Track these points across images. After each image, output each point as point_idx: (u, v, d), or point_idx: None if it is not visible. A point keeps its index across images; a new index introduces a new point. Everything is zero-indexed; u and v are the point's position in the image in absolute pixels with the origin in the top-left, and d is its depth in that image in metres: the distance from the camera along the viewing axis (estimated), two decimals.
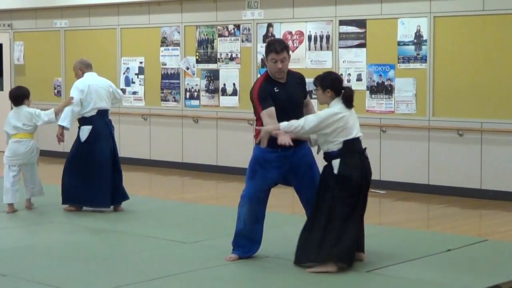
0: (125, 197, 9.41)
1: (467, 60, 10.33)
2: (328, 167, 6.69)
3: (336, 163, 6.63)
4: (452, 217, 9.27)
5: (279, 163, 6.85)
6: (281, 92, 6.80)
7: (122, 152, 13.78)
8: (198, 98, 12.81)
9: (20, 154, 9.04)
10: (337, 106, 6.67)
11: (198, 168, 12.75)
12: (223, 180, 12.04)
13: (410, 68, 10.72)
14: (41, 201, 9.45)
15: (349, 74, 11.21)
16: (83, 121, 9.27)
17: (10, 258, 7.15)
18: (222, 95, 12.52)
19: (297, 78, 7.01)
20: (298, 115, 6.76)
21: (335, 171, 6.63)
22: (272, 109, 6.71)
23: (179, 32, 12.96)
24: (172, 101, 13.11)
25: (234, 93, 12.37)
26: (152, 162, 13.38)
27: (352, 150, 6.66)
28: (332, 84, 6.72)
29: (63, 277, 6.51)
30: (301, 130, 6.60)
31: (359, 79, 11.14)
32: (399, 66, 10.77)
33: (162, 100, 13.25)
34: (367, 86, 11.09)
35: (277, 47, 6.76)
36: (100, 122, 9.27)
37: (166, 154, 13.24)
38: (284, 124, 6.59)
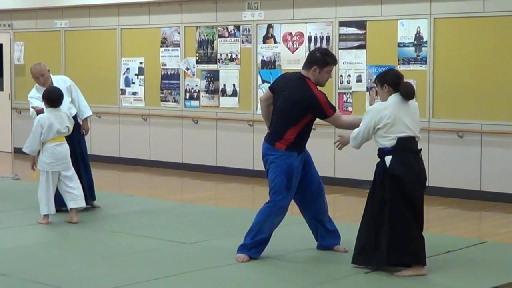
0: (92, 196, 9.34)
1: (467, 62, 10.33)
2: (382, 163, 6.65)
3: (388, 159, 6.62)
4: (451, 218, 9.27)
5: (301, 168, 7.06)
6: None
7: (122, 152, 13.82)
8: (198, 98, 12.82)
9: (62, 158, 8.55)
10: (389, 101, 6.66)
11: (197, 169, 12.75)
12: (223, 181, 12.04)
13: (410, 69, 10.72)
14: (34, 202, 9.33)
15: (349, 75, 11.21)
16: None
17: (8, 258, 7.15)
18: (222, 96, 12.52)
19: None
20: None
21: (388, 168, 6.60)
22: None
23: (179, 33, 12.97)
24: (172, 102, 13.12)
25: (234, 94, 12.37)
26: (152, 163, 13.39)
27: (406, 148, 6.62)
28: (387, 79, 6.74)
29: (62, 277, 6.51)
30: (357, 137, 6.79)
31: (359, 80, 11.14)
32: (399, 67, 10.78)
33: (162, 100, 13.25)
34: (367, 88, 11.09)
35: (335, 60, 7.10)
36: None
37: (165, 155, 13.25)
38: (352, 135, 6.81)
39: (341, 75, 11.26)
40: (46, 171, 8.50)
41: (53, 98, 8.56)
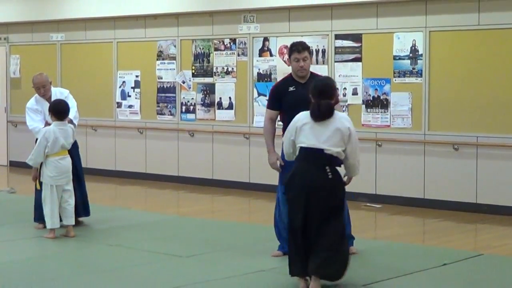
0: (86, 212, 9.24)
1: (463, 75, 10.36)
2: None
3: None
4: (447, 231, 9.27)
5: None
6: (297, 92, 7.39)
7: (118, 165, 13.81)
8: (194, 111, 12.82)
9: (65, 172, 8.56)
10: (303, 113, 6.65)
11: (194, 182, 12.75)
12: (219, 194, 12.04)
13: (405, 82, 10.74)
14: (30, 215, 9.35)
15: (344, 88, 11.23)
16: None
17: (4, 272, 7.13)
18: (218, 109, 12.53)
19: None
20: None
21: None
22: (274, 113, 7.53)
23: (175, 46, 12.99)
24: (168, 115, 13.12)
25: (230, 106, 12.38)
26: (148, 176, 13.38)
27: (301, 158, 6.56)
28: (311, 92, 6.69)
29: None
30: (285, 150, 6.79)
31: (354, 93, 11.16)
32: (395, 80, 10.80)
33: (158, 113, 13.26)
34: (362, 100, 11.11)
35: (298, 46, 7.44)
36: None
37: (162, 168, 13.24)
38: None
39: (337, 88, 11.25)
40: (50, 185, 8.50)
41: (60, 111, 8.57)
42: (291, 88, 7.46)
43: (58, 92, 9.25)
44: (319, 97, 6.52)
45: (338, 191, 6.54)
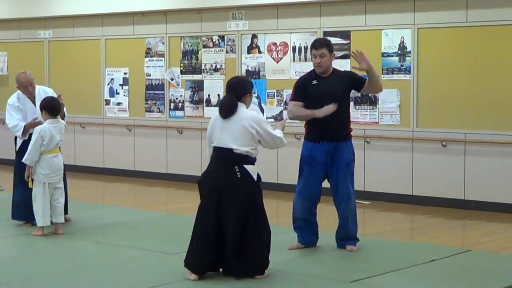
0: (66, 210, 9.03)
1: (451, 72, 10.39)
2: None
3: None
4: (435, 227, 9.30)
5: (322, 159, 7.55)
6: (320, 85, 7.54)
7: (107, 163, 13.78)
8: (182, 109, 12.81)
9: (58, 170, 8.55)
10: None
11: (182, 179, 12.73)
12: None
13: (394, 79, 10.76)
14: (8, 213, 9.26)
15: None
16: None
17: None
18: (207, 106, 12.52)
19: (344, 75, 7.75)
20: (338, 106, 7.46)
21: None
22: (298, 103, 7.61)
23: (163, 43, 12.97)
24: (157, 112, 13.11)
25: (219, 104, 12.35)
26: (137, 173, 13.36)
27: (214, 157, 6.76)
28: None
29: None
30: None
31: None
32: (383, 77, 10.81)
33: (146, 111, 13.24)
34: (351, 97, 11.10)
35: (316, 43, 7.60)
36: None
37: (150, 165, 13.23)
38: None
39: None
40: (42, 183, 8.48)
41: (53, 108, 8.53)
42: (314, 82, 7.61)
43: (42, 91, 9.13)
44: (227, 93, 6.82)
45: (249, 192, 6.57)
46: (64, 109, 8.94)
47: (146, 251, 7.78)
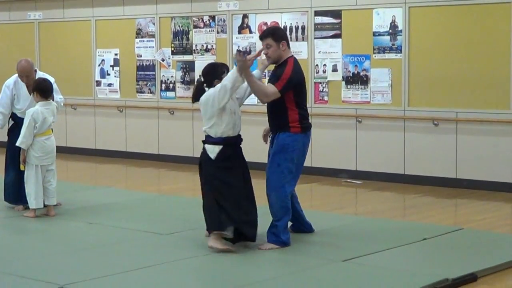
0: None
1: (442, 50, 10.37)
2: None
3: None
4: (428, 206, 9.31)
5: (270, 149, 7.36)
6: (270, 75, 7.39)
7: (98, 144, 13.76)
8: (173, 89, 12.78)
9: (50, 152, 8.53)
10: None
11: (174, 160, 12.73)
12: None
13: (385, 58, 10.74)
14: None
15: (324, 64, 11.21)
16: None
17: None
18: None
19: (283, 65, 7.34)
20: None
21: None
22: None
23: (154, 24, 12.91)
24: (148, 93, 13.07)
25: None
26: (128, 154, 13.34)
27: None
28: None
29: (38, 269, 6.47)
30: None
31: (334, 69, 11.15)
32: (375, 56, 10.80)
33: (137, 92, 13.20)
34: (342, 77, 11.10)
35: (261, 34, 7.32)
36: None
37: (142, 146, 13.21)
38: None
39: (317, 65, 11.26)
40: (35, 165, 8.45)
41: (44, 89, 8.48)
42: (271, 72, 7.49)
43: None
44: (201, 79, 7.26)
45: (208, 170, 6.99)
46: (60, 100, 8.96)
47: (138, 232, 7.78)
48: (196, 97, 7.10)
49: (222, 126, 6.92)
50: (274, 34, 7.20)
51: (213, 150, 6.94)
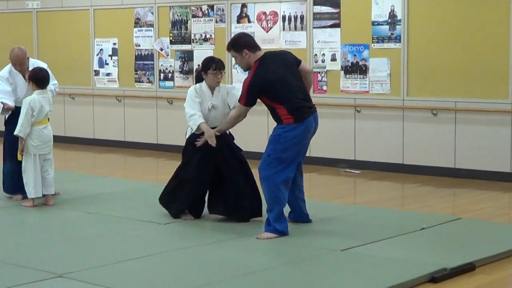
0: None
1: (441, 40, 10.36)
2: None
3: None
4: (426, 196, 9.32)
5: None
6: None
7: (97, 134, 13.75)
8: (172, 79, 12.77)
9: (48, 141, 8.52)
10: None
11: (173, 149, 12.71)
12: None
13: (384, 48, 10.73)
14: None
15: (323, 54, 11.20)
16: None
17: None
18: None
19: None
20: None
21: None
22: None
23: (152, 13, 12.89)
24: (146, 82, 13.06)
25: None
26: (127, 144, 13.33)
27: None
28: None
29: (37, 258, 6.47)
30: None
31: (333, 59, 11.14)
32: (373, 46, 10.78)
33: (136, 81, 13.19)
34: (341, 66, 11.09)
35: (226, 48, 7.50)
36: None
37: (140, 136, 13.20)
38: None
39: (316, 54, 11.25)
40: (33, 154, 8.44)
41: (40, 79, 8.45)
42: None
43: (36, 66, 9.04)
44: None
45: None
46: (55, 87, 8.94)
47: (137, 221, 7.78)
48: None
49: None
50: (234, 46, 7.27)
51: (189, 130, 8.11)
